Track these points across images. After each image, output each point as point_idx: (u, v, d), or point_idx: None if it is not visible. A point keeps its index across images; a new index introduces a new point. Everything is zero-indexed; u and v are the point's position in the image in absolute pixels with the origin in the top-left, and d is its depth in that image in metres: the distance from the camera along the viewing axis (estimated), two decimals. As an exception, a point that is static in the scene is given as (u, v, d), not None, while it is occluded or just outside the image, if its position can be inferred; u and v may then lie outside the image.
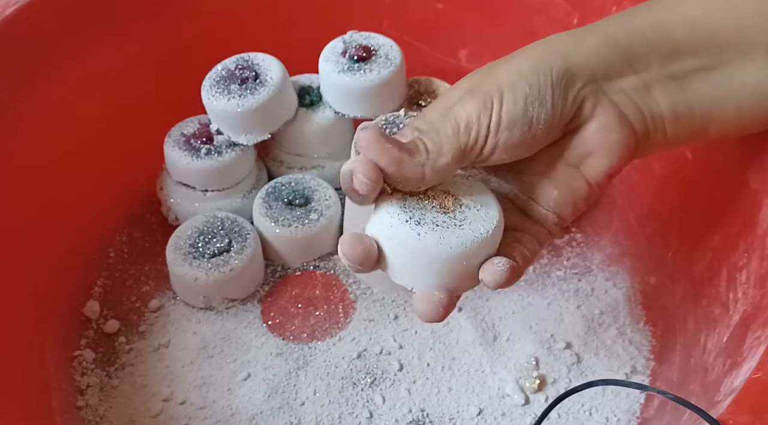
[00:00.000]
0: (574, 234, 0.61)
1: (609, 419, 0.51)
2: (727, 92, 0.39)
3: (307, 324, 0.56)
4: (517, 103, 0.36)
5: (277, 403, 0.51)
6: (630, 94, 0.38)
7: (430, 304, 0.37)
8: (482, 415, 0.51)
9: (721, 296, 0.46)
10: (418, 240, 0.35)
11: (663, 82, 0.39)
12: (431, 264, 0.36)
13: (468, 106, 0.36)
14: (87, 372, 0.53)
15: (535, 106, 0.36)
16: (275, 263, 0.59)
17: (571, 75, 0.37)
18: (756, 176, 0.45)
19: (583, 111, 0.38)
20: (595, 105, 0.38)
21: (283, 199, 0.58)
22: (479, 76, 0.38)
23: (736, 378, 0.38)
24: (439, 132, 0.36)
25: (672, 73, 0.39)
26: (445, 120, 0.36)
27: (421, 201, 0.37)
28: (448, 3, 0.65)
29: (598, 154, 0.38)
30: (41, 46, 0.55)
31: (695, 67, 0.39)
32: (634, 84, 0.38)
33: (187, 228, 0.56)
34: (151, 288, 0.58)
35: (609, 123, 0.38)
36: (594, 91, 0.38)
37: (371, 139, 0.35)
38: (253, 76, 0.56)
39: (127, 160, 0.60)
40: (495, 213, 0.37)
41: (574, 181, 0.39)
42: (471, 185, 0.38)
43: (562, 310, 0.56)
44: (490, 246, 0.37)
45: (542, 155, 0.39)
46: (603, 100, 0.38)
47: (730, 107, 0.40)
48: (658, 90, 0.39)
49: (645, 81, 0.39)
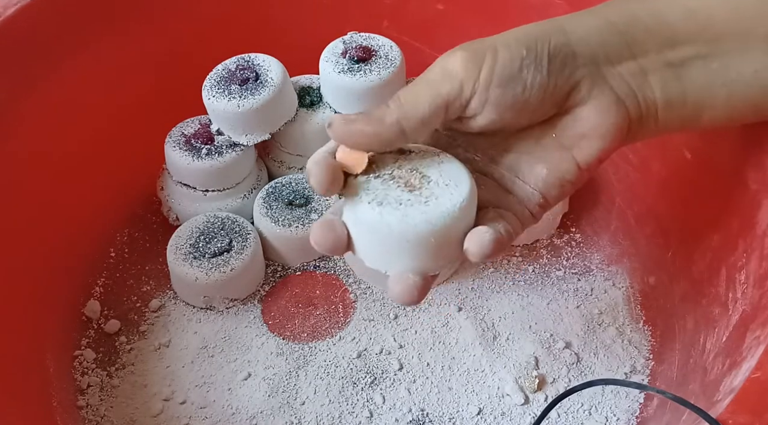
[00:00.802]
0: (574, 234, 0.61)
1: (608, 418, 0.51)
2: (722, 82, 0.39)
3: (307, 324, 0.56)
4: (514, 61, 0.35)
5: (278, 403, 0.51)
6: (627, 79, 0.38)
7: (404, 286, 0.35)
8: (482, 415, 0.51)
9: (720, 296, 0.46)
10: (380, 221, 0.34)
11: (660, 69, 0.38)
12: (400, 244, 0.35)
13: (456, 54, 0.35)
14: (87, 372, 0.53)
15: (530, 69, 0.36)
16: (275, 263, 0.59)
17: (571, 50, 0.37)
18: (756, 176, 0.45)
19: (579, 92, 0.37)
20: (592, 87, 0.37)
21: (283, 199, 0.58)
22: (472, 42, 0.37)
23: (736, 378, 0.38)
24: (418, 82, 0.35)
25: (669, 61, 0.39)
26: (426, 71, 0.35)
27: (386, 182, 0.36)
28: (448, 3, 0.65)
29: (591, 136, 0.38)
30: (41, 46, 0.55)
31: (692, 56, 0.39)
32: (631, 69, 0.38)
33: (188, 228, 0.56)
34: (152, 288, 0.58)
35: (605, 106, 0.37)
36: (592, 72, 0.37)
37: (338, 130, 0.35)
38: (254, 77, 0.57)
39: (127, 160, 0.60)
40: (465, 188, 0.35)
41: (563, 162, 0.39)
42: (442, 161, 0.37)
43: (561, 310, 0.56)
44: (460, 221, 0.35)
45: (533, 133, 0.38)
46: (600, 83, 0.38)
47: (724, 96, 0.39)
48: (654, 77, 0.38)
49: (642, 67, 0.38)
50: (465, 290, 0.57)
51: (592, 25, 0.38)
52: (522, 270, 0.59)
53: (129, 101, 0.60)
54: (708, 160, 0.50)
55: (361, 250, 0.36)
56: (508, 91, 0.36)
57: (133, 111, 0.61)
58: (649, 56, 0.38)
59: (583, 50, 0.37)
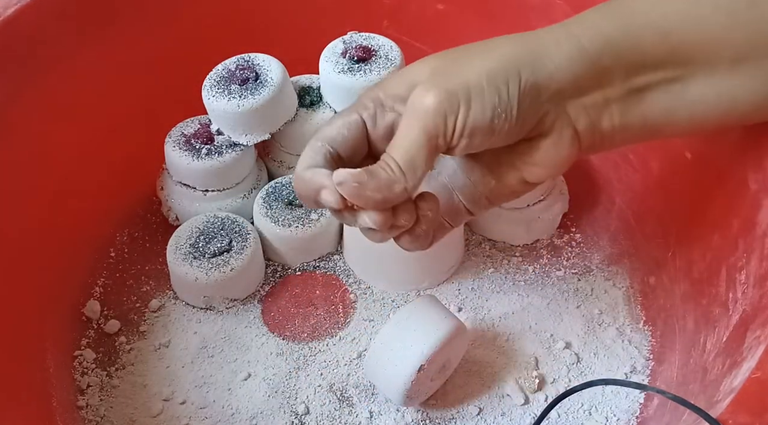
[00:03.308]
0: (574, 234, 0.61)
1: (608, 419, 0.51)
2: (683, 103, 0.39)
3: (307, 324, 0.56)
4: (485, 112, 0.36)
5: (278, 403, 0.51)
6: (588, 111, 0.39)
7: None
8: (482, 415, 0.51)
9: (720, 296, 0.46)
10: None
11: (623, 97, 0.39)
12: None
13: (430, 101, 0.36)
14: (87, 372, 0.53)
15: (501, 118, 0.36)
16: (275, 263, 0.59)
17: (538, 88, 0.37)
18: (756, 176, 0.45)
19: (543, 124, 0.38)
20: (554, 120, 0.38)
21: (283, 199, 0.58)
22: (446, 61, 0.38)
23: (736, 378, 0.38)
24: (405, 139, 0.36)
25: (634, 87, 0.39)
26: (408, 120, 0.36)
27: None
28: (448, 3, 0.65)
29: (543, 165, 0.40)
30: (41, 46, 0.55)
31: (659, 80, 0.39)
32: (595, 100, 0.39)
33: (188, 228, 0.56)
34: (152, 288, 0.58)
35: (562, 141, 0.39)
36: (555, 106, 0.38)
37: (349, 193, 0.36)
38: (254, 77, 0.57)
39: (127, 160, 0.60)
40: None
41: (513, 180, 0.41)
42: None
43: (561, 310, 0.56)
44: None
45: (490, 151, 0.40)
46: (562, 116, 0.38)
47: (685, 118, 0.40)
48: (616, 105, 0.39)
49: (606, 96, 0.39)
50: (465, 290, 0.57)
51: (564, 56, 0.38)
52: (522, 270, 0.59)
53: (129, 101, 0.60)
54: (708, 160, 0.50)
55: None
56: (475, 140, 0.37)
57: (133, 111, 0.61)
58: (614, 85, 0.39)
59: (549, 86, 0.38)
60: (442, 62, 0.38)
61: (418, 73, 0.38)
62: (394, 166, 0.36)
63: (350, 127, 0.38)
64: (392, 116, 0.39)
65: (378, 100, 0.39)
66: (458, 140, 0.37)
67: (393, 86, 0.38)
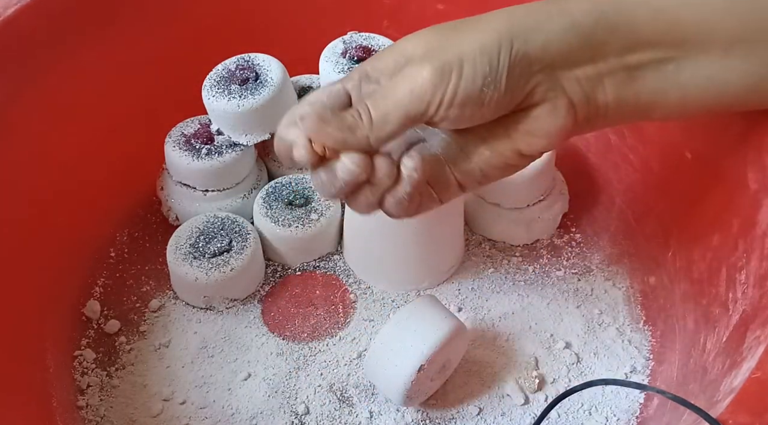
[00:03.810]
0: (574, 234, 0.61)
1: (608, 419, 0.51)
2: (675, 84, 0.40)
3: (307, 323, 0.56)
4: (476, 81, 0.36)
5: (278, 403, 0.51)
6: (582, 83, 0.39)
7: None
8: (482, 415, 0.51)
9: (720, 295, 0.46)
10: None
11: (616, 72, 0.39)
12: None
13: (424, 71, 0.36)
14: (87, 372, 0.53)
15: (490, 88, 0.37)
16: (275, 263, 0.59)
17: (529, 59, 0.37)
18: (756, 176, 0.45)
19: (534, 96, 0.38)
20: (547, 90, 0.38)
21: (283, 199, 0.58)
22: (441, 36, 0.38)
23: (736, 378, 0.38)
24: (387, 97, 0.37)
25: (627, 64, 0.39)
26: (395, 82, 0.37)
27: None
28: (448, 3, 0.65)
29: (537, 135, 0.39)
30: (41, 46, 0.55)
31: (651, 59, 0.39)
32: (588, 73, 0.39)
33: (188, 228, 0.56)
34: (152, 288, 0.58)
35: (557, 110, 0.39)
36: (548, 77, 0.38)
37: (311, 127, 0.37)
38: (254, 77, 0.57)
39: (127, 160, 0.60)
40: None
41: (508, 151, 0.40)
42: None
43: (561, 310, 0.56)
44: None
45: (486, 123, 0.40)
46: (555, 87, 0.38)
47: (676, 98, 0.40)
48: (609, 79, 0.39)
49: (599, 71, 0.39)
50: (465, 290, 0.57)
51: (557, 28, 0.38)
52: (522, 270, 0.59)
53: (129, 101, 0.60)
54: (708, 160, 0.50)
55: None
56: (466, 110, 0.37)
57: (133, 111, 0.61)
58: (608, 61, 0.39)
59: (542, 57, 0.38)
60: (436, 37, 0.38)
61: (413, 47, 0.38)
62: (365, 115, 0.37)
63: (330, 95, 0.38)
64: (374, 88, 0.39)
65: (364, 73, 0.39)
66: (447, 110, 0.37)
67: (384, 60, 0.39)
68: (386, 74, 0.38)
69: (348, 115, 0.37)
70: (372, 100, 0.37)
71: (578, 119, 0.39)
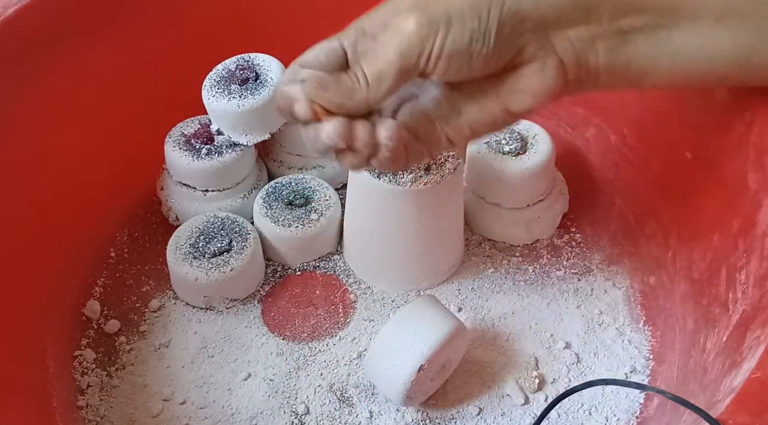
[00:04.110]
0: (574, 234, 0.61)
1: (608, 419, 0.51)
2: (666, 52, 0.40)
3: (307, 323, 0.56)
4: (464, 36, 0.37)
5: (278, 403, 0.51)
6: (574, 44, 0.39)
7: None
8: (482, 415, 0.51)
9: (720, 296, 0.46)
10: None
11: (608, 36, 0.39)
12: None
13: (410, 23, 0.37)
14: (87, 372, 0.53)
15: (478, 43, 0.37)
16: (275, 263, 0.59)
17: (521, 16, 0.38)
18: (756, 176, 0.45)
19: (523, 54, 0.39)
20: (537, 49, 0.39)
21: (283, 199, 0.58)
22: None
23: (736, 378, 0.38)
24: (379, 55, 0.37)
25: (620, 29, 0.39)
26: (385, 38, 0.37)
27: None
28: (448, 3, 0.65)
29: (526, 94, 0.40)
30: (41, 46, 0.55)
31: (643, 25, 0.39)
32: (580, 35, 0.39)
33: (188, 228, 0.56)
34: (152, 288, 0.58)
35: (547, 70, 0.39)
36: (539, 36, 0.38)
37: (310, 91, 0.37)
38: (254, 77, 0.57)
39: (127, 160, 0.60)
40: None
41: (497, 109, 0.40)
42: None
43: (561, 310, 0.56)
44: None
45: (474, 79, 0.40)
46: (546, 46, 0.39)
47: (667, 66, 0.40)
48: (601, 43, 0.39)
49: (592, 33, 0.39)
50: (465, 290, 0.57)
51: None
52: (522, 270, 0.59)
53: (129, 101, 0.60)
54: (708, 160, 0.50)
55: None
56: (453, 64, 0.37)
57: (133, 111, 0.61)
58: (601, 23, 0.39)
59: (533, 14, 0.38)
60: (424, 6, 0.38)
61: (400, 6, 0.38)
62: (360, 76, 0.37)
63: (327, 53, 0.38)
64: (369, 46, 0.39)
65: (361, 29, 0.39)
66: (435, 62, 0.37)
67: (378, 14, 0.39)
68: (382, 28, 0.38)
69: (346, 78, 0.38)
70: (366, 60, 0.37)
71: (568, 79, 0.40)
